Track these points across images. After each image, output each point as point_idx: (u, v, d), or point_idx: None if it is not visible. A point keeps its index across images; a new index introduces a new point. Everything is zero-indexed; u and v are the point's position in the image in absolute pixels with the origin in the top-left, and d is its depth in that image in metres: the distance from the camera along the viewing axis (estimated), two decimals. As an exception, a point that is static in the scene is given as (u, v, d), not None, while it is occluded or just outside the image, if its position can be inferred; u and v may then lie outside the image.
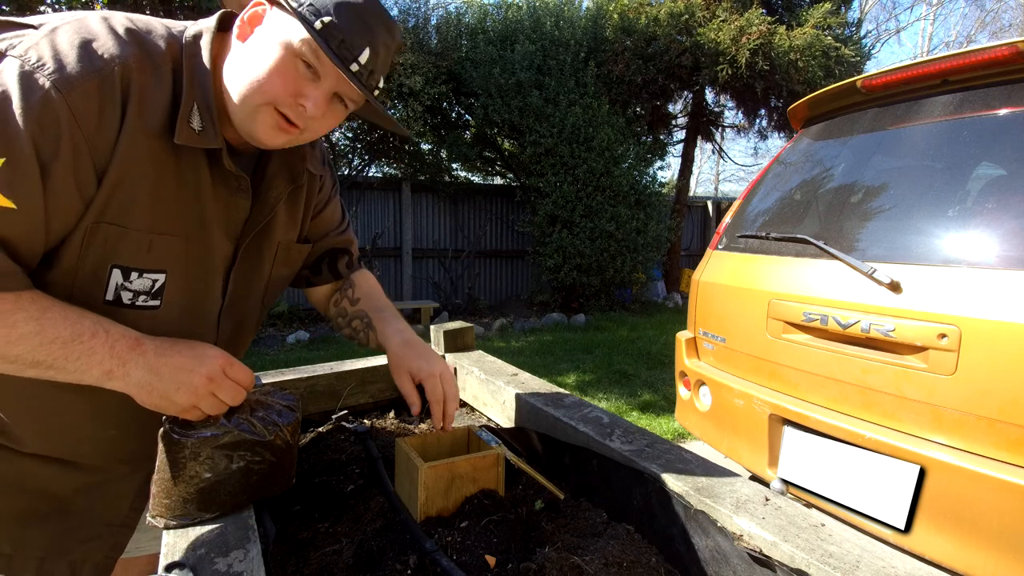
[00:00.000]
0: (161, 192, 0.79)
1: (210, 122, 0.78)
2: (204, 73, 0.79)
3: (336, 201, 1.15)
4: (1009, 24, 19.49)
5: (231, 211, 0.89)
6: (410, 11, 7.89)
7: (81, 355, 0.71)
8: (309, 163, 1.00)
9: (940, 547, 1.46)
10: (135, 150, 0.74)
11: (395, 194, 8.11)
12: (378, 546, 0.87)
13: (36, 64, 0.67)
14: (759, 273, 2.06)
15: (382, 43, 0.82)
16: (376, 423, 1.38)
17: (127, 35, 0.75)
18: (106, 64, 0.71)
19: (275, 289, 1.05)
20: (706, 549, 0.82)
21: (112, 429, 0.89)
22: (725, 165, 21.64)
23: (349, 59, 0.78)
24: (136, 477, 0.96)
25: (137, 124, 0.74)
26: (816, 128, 2.31)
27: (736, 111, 9.55)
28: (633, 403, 4.33)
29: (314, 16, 0.75)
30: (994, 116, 1.65)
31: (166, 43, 0.78)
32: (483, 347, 5.16)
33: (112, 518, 0.95)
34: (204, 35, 0.82)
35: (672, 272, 10.00)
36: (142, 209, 0.77)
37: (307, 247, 1.09)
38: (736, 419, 2.06)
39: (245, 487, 0.85)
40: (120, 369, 0.74)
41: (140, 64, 0.74)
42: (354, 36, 0.78)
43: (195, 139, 0.78)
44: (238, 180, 0.87)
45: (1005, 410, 1.36)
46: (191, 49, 0.80)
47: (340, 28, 0.76)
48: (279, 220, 0.98)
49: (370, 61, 0.80)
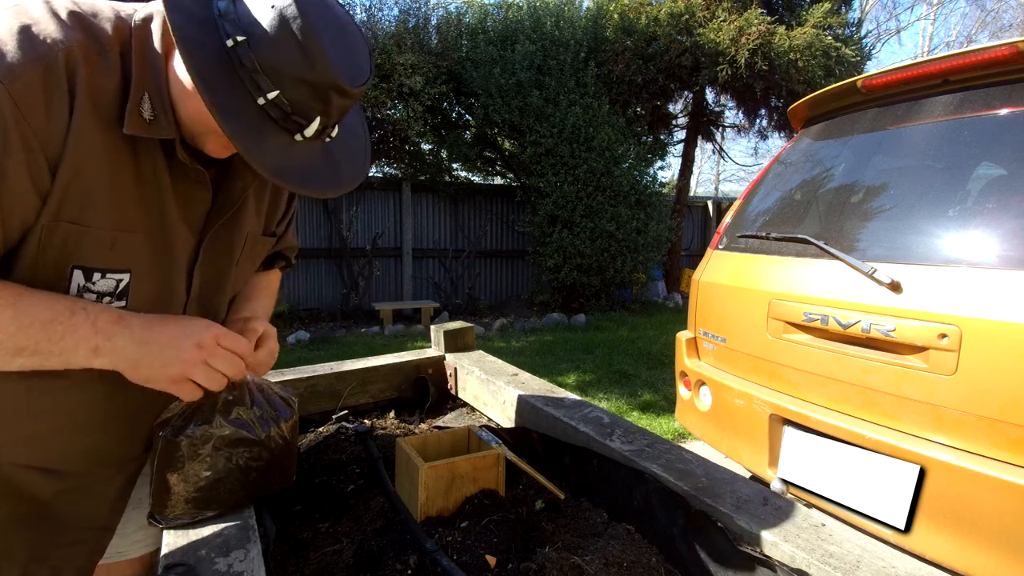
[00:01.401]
0: (119, 186, 0.74)
1: (162, 111, 0.73)
2: (155, 58, 0.73)
3: (295, 203, 1.10)
4: (1009, 24, 19.48)
5: (192, 204, 0.83)
6: (410, 11, 7.88)
7: (64, 334, 0.69)
8: None
9: (940, 547, 1.46)
10: (87, 142, 0.70)
11: (395, 194, 8.11)
12: (378, 546, 0.87)
13: None
14: (759, 273, 2.06)
15: (337, 108, 0.73)
16: (376, 423, 1.38)
17: (70, 19, 0.69)
18: (49, 50, 0.66)
19: (238, 283, 1.00)
20: (706, 549, 0.82)
21: (95, 433, 0.87)
22: (725, 165, 21.65)
23: (294, 130, 0.71)
24: (118, 479, 0.93)
25: (87, 114, 0.69)
26: (816, 128, 2.31)
27: (736, 111, 9.56)
28: (633, 403, 4.33)
29: (260, 91, 0.68)
30: (994, 116, 1.65)
31: (113, 26, 0.73)
32: (483, 347, 5.17)
33: (93, 521, 0.92)
34: (155, 18, 0.75)
35: (672, 272, 10.00)
36: (101, 205, 0.73)
37: (271, 240, 1.04)
38: (736, 419, 2.05)
39: (244, 484, 0.86)
40: (107, 344, 0.72)
41: (86, 50, 0.69)
42: (305, 111, 0.71)
43: (146, 129, 0.72)
44: (196, 172, 0.81)
45: (1005, 410, 1.36)
46: (141, 33, 0.74)
47: (292, 103, 0.69)
48: (248, 210, 0.93)
49: (322, 122, 0.73)
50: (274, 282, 1.15)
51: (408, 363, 1.54)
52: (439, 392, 1.57)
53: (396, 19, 7.79)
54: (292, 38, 0.66)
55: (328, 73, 0.68)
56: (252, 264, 1.02)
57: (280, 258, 1.16)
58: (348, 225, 7.63)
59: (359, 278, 7.77)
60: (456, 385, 1.54)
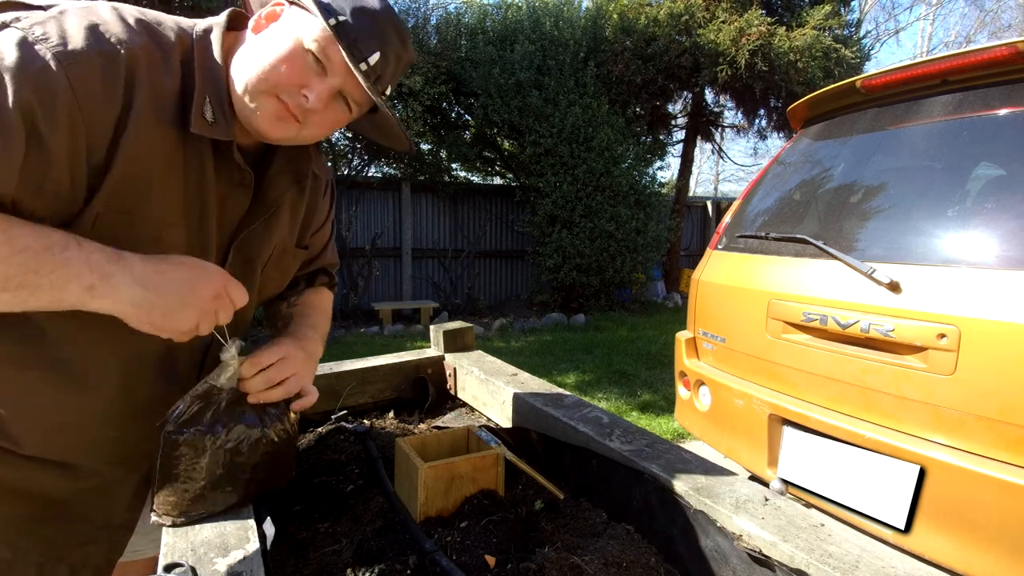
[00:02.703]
0: (169, 182, 0.78)
1: (222, 114, 0.79)
2: (216, 67, 0.80)
3: (332, 218, 1.15)
4: (1008, 24, 19.50)
5: (229, 206, 0.88)
6: (410, 11, 7.88)
7: (55, 267, 0.66)
8: (315, 165, 0.99)
9: (940, 547, 1.46)
10: (145, 137, 0.73)
11: (395, 194, 8.11)
12: (378, 546, 0.87)
13: (39, 37, 0.66)
14: (759, 273, 2.06)
15: (393, 51, 0.82)
16: (376, 423, 1.38)
17: (137, 24, 0.75)
18: (113, 47, 0.70)
19: (265, 292, 1.03)
20: (706, 549, 0.82)
21: (114, 430, 0.88)
22: (725, 165, 21.65)
23: (359, 58, 0.78)
24: (133, 478, 0.94)
25: (146, 112, 0.73)
26: (816, 128, 2.31)
27: (735, 111, 9.56)
28: (633, 403, 4.33)
29: (329, 14, 0.77)
30: (994, 116, 1.65)
31: (176, 35, 0.79)
32: (483, 347, 5.17)
33: (110, 520, 0.93)
34: (214, 30, 0.82)
35: (672, 272, 10.00)
36: (152, 199, 0.77)
37: (303, 253, 1.07)
38: (736, 419, 2.06)
39: (251, 480, 0.86)
40: (103, 284, 0.69)
41: (149, 53, 0.74)
42: (367, 38, 0.79)
43: (209, 130, 0.78)
44: (242, 175, 0.86)
45: (1005, 410, 1.36)
46: (202, 43, 0.81)
47: (354, 28, 0.78)
48: (281, 220, 0.97)
49: (379, 65, 0.81)
50: (326, 302, 1.16)
51: (407, 363, 1.54)
52: (438, 392, 1.57)
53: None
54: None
55: (391, 14, 0.81)
56: (280, 274, 1.04)
57: (322, 274, 1.18)
58: (347, 225, 7.63)
59: (358, 278, 7.77)
60: (455, 385, 1.54)
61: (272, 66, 0.78)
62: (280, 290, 1.09)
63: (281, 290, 1.10)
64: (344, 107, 0.85)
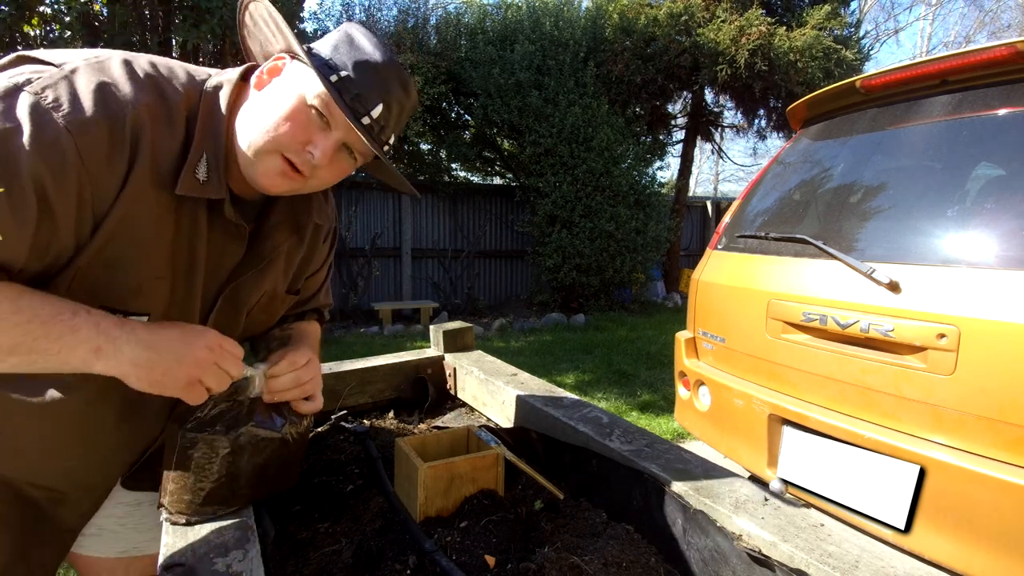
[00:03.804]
0: (159, 238, 0.79)
1: (216, 172, 0.79)
2: (219, 121, 0.80)
3: (330, 262, 1.15)
4: (1008, 24, 19.50)
5: (222, 257, 0.88)
6: (410, 11, 7.89)
7: (63, 333, 0.69)
8: (317, 214, 1.00)
9: (940, 547, 1.46)
10: (140, 197, 0.74)
11: (394, 194, 8.10)
12: (377, 546, 0.87)
13: (52, 103, 0.68)
14: (758, 273, 2.06)
15: (396, 100, 0.83)
16: (376, 423, 1.38)
17: (146, 80, 0.76)
18: (120, 110, 0.72)
19: (247, 333, 1.04)
20: (705, 549, 0.82)
21: (71, 460, 0.89)
22: (724, 165, 21.66)
23: (361, 112, 0.79)
24: (93, 496, 0.97)
25: (145, 171, 0.74)
26: (815, 128, 2.31)
27: (735, 111, 9.56)
28: (632, 403, 4.33)
29: (331, 70, 0.77)
30: (993, 116, 1.65)
31: (185, 90, 0.79)
32: (483, 347, 5.17)
33: (67, 525, 0.96)
34: (224, 87, 0.83)
35: (671, 272, 10.00)
36: (138, 254, 0.78)
37: (293, 298, 1.07)
38: (735, 419, 2.06)
39: (264, 479, 0.87)
40: (110, 346, 0.72)
41: (154, 112, 0.75)
42: (369, 91, 0.80)
43: (198, 189, 0.78)
44: (237, 228, 0.86)
45: (1004, 410, 1.36)
46: (210, 98, 0.81)
47: (355, 83, 0.79)
48: (275, 268, 0.97)
49: (382, 116, 0.82)
50: (316, 331, 1.16)
51: (407, 363, 1.54)
52: (438, 392, 1.57)
53: (395, 19, 7.80)
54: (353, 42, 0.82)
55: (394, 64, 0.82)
56: (267, 317, 1.05)
57: (313, 312, 1.18)
58: (347, 225, 7.63)
59: (358, 278, 7.77)
60: (455, 385, 1.54)
61: (276, 125, 0.78)
62: (264, 329, 1.09)
63: (267, 327, 1.09)
64: (349, 158, 0.86)
